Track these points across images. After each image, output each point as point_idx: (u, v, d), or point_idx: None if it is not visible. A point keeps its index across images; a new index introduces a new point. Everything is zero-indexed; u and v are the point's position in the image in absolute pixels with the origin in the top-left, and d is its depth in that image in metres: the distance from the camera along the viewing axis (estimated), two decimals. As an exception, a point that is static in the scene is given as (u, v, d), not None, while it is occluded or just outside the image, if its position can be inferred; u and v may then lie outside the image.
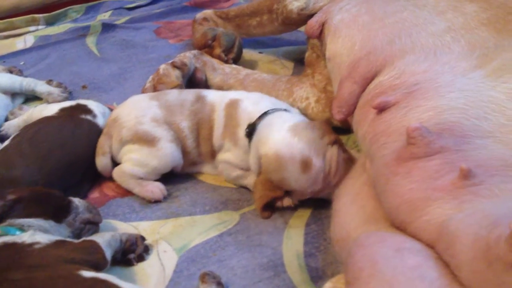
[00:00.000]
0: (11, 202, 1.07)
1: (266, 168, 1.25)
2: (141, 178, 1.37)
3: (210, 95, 1.46)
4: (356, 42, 1.26)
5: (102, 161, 1.39)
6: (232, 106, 1.39)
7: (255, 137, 1.30)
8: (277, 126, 1.28)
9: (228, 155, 1.37)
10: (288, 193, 1.27)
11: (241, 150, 1.34)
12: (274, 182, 1.25)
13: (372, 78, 1.19)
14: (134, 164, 1.36)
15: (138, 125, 1.37)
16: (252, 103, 1.39)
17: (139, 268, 1.17)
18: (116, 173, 1.39)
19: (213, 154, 1.42)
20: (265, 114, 1.33)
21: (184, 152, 1.41)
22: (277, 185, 1.25)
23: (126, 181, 1.37)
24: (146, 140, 1.36)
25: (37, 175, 1.27)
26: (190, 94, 1.46)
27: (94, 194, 1.39)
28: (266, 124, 1.30)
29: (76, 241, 1.06)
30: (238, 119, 1.36)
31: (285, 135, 1.25)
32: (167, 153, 1.36)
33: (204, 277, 1.09)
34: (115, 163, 1.41)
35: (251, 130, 1.31)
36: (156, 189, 1.36)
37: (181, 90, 1.50)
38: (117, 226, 1.28)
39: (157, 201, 1.35)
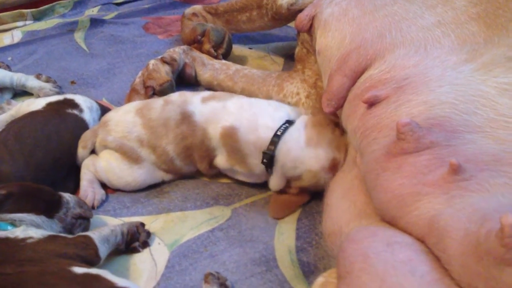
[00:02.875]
0: (1, 197, 1.06)
1: (300, 184, 1.29)
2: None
3: (197, 112, 1.34)
4: (346, 35, 1.26)
5: (81, 153, 1.38)
6: (230, 138, 1.30)
7: (278, 164, 1.27)
8: (295, 146, 1.27)
9: (243, 177, 1.36)
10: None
11: (257, 174, 1.33)
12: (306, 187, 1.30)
13: (362, 72, 1.19)
14: (108, 170, 1.35)
15: (125, 140, 1.35)
16: (250, 130, 1.30)
17: (131, 263, 1.17)
18: (89, 160, 1.37)
19: (212, 167, 1.38)
20: (275, 138, 1.28)
21: (173, 169, 1.38)
22: (306, 188, 1.31)
23: (86, 172, 1.36)
24: (130, 156, 1.35)
25: (23, 170, 1.26)
26: (173, 110, 1.35)
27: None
28: (283, 150, 1.27)
29: (69, 236, 1.06)
30: (245, 150, 1.30)
31: (308, 151, 1.26)
32: (144, 177, 1.36)
33: (207, 277, 1.09)
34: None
35: (268, 158, 1.27)
36: (95, 195, 1.33)
37: (166, 101, 1.39)
38: (108, 221, 1.28)
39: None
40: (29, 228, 1.03)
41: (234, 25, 1.95)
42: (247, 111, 1.34)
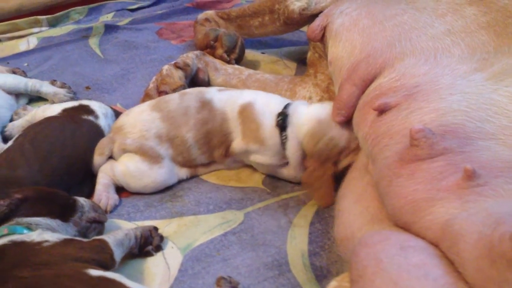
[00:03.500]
0: (17, 201, 1.07)
1: (312, 141, 1.31)
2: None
3: (216, 99, 1.42)
4: (357, 45, 1.27)
5: (98, 161, 1.39)
6: (247, 111, 1.38)
7: (291, 125, 1.34)
8: (305, 107, 1.38)
9: (259, 158, 1.39)
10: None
11: (271, 148, 1.36)
12: (323, 155, 1.30)
13: (371, 81, 1.20)
14: (126, 173, 1.36)
15: (143, 140, 1.37)
16: (265, 103, 1.40)
17: (145, 267, 1.18)
18: (107, 165, 1.38)
19: (227, 154, 1.42)
20: (287, 105, 1.39)
21: (188, 160, 1.41)
22: (326, 158, 1.31)
23: (104, 176, 1.37)
24: (151, 155, 1.36)
25: (38, 175, 1.27)
26: (192, 99, 1.42)
27: (99, 195, 1.40)
28: (294, 110, 1.37)
29: (85, 240, 1.07)
30: (258, 121, 1.37)
31: (316, 105, 1.39)
32: (164, 177, 1.38)
33: (219, 281, 1.09)
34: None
35: (283, 118, 1.35)
36: (108, 200, 1.34)
37: (182, 93, 1.47)
38: (122, 225, 1.28)
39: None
40: (44, 232, 1.04)
41: (247, 30, 1.96)
42: (260, 94, 1.46)
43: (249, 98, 1.41)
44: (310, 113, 1.35)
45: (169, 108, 1.41)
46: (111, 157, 1.41)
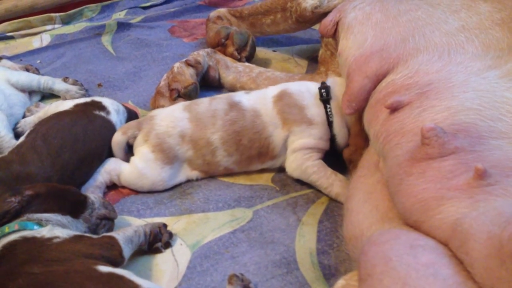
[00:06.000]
0: (28, 197, 1.08)
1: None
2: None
3: (244, 100, 1.42)
4: (368, 37, 1.25)
5: (117, 137, 1.41)
6: (283, 99, 1.39)
7: (334, 98, 1.37)
8: (342, 80, 1.37)
9: (303, 140, 1.36)
10: None
11: (319, 127, 1.36)
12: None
13: (384, 75, 1.19)
14: (132, 173, 1.37)
15: (166, 136, 1.37)
16: (298, 86, 1.43)
17: (153, 263, 1.18)
18: (113, 163, 1.39)
19: (252, 160, 1.41)
20: (323, 82, 1.42)
21: (209, 162, 1.40)
22: None
23: (103, 175, 1.37)
24: (167, 154, 1.37)
25: (50, 171, 1.28)
26: (221, 102, 1.42)
27: (109, 191, 1.41)
28: (334, 82, 1.40)
29: (94, 236, 1.07)
30: (300, 103, 1.38)
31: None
32: (173, 178, 1.39)
33: (232, 279, 1.09)
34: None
35: (327, 91, 1.38)
36: None
37: (212, 98, 1.46)
38: (132, 222, 1.29)
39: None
40: (55, 228, 1.05)
41: (259, 28, 1.96)
42: (288, 83, 1.47)
43: (280, 88, 1.43)
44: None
45: (198, 110, 1.42)
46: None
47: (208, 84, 1.78)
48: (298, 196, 1.37)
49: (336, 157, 1.41)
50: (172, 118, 1.40)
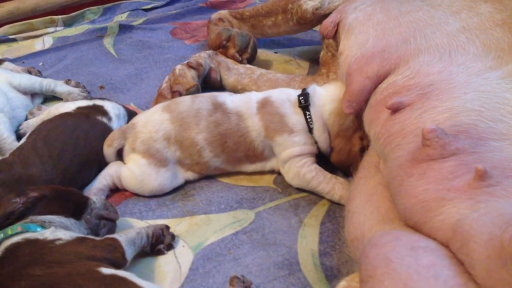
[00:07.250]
0: (33, 199, 1.08)
1: (339, 120, 1.35)
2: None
3: (228, 101, 1.42)
4: (369, 38, 1.26)
5: (106, 151, 1.40)
6: (266, 106, 1.39)
7: (313, 105, 1.37)
8: (321, 88, 1.41)
9: (289, 149, 1.36)
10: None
11: (300, 134, 1.36)
12: (349, 131, 1.35)
13: (385, 76, 1.19)
14: (131, 178, 1.36)
15: (152, 141, 1.36)
16: (280, 93, 1.43)
17: (156, 265, 1.19)
18: (115, 166, 1.39)
19: (241, 160, 1.41)
20: (303, 89, 1.42)
21: (198, 162, 1.40)
22: (353, 133, 1.35)
23: (106, 178, 1.37)
24: (157, 158, 1.36)
25: (52, 173, 1.28)
26: (204, 101, 1.41)
27: (112, 193, 1.41)
28: (313, 90, 1.40)
29: (97, 238, 1.08)
30: (281, 110, 1.38)
31: (331, 86, 1.41)
32: (171, 180, 1.38)
33: (233, 280, 1.09)
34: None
35: (305, 97, 1.37)
36: None
37: (194, 96, 1.45)
38: (134, 224, 1.30)
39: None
40: (58, 230, 1.05)
41: (260, 30, 1.97)
42: (272, 90, 1.48)
43: (263, 95, 1.43)
44: (329, 94, 1.38)
45: (179, 109, 1.40)
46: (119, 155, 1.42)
47: (210, 86, 1.78)
48: (300, 198, 1.37)
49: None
50: (152, 122, 1.38)
